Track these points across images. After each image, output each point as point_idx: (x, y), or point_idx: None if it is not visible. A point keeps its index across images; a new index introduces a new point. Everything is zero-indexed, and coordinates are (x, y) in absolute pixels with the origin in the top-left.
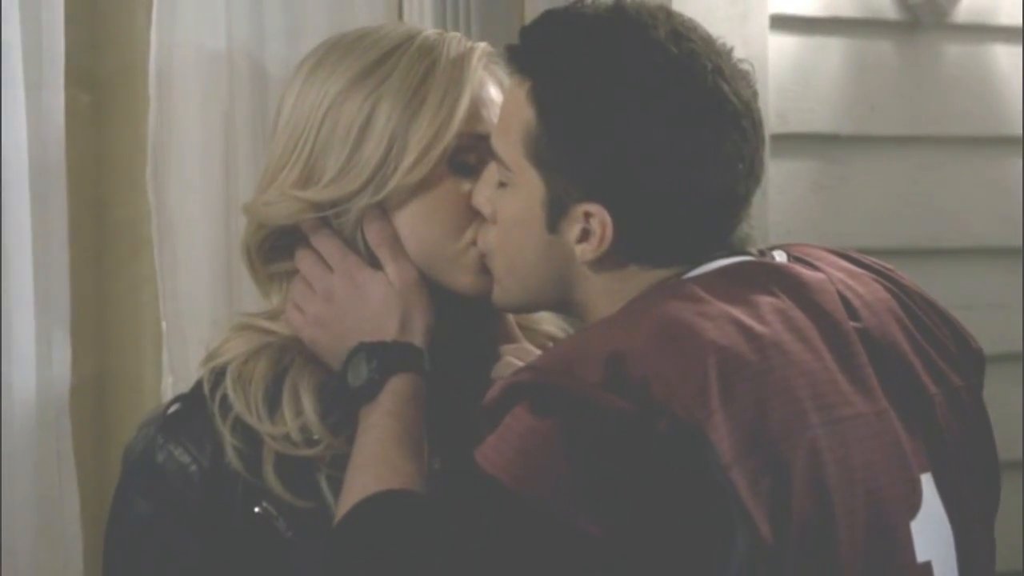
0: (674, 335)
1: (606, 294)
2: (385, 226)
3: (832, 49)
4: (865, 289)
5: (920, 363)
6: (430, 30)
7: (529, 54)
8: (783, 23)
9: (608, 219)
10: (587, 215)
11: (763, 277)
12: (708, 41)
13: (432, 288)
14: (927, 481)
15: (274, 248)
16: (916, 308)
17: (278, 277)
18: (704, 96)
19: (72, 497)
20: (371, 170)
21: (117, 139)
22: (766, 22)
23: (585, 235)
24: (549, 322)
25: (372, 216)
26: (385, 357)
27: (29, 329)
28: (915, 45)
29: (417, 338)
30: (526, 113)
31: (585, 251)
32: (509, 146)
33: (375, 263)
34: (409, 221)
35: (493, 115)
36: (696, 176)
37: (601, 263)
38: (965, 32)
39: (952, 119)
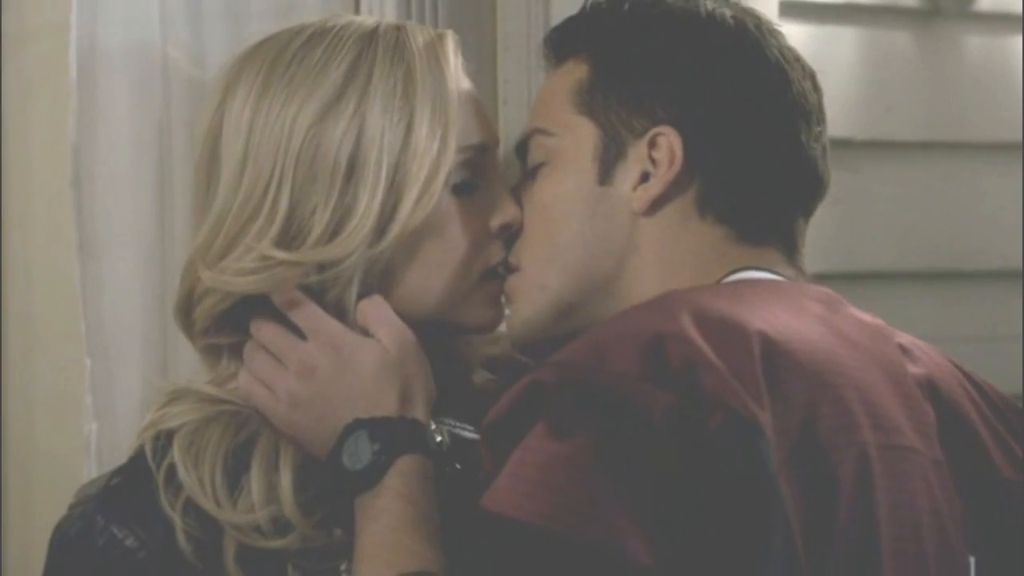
0: (717, 322)
1: (657, 263)
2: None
3: (845, 40)
4: (930, 350)
5: (993, 441)
6: (382, 21)
7: (572, 37)
8: (793, 10)
9: (678, 139)
10: (653, 142)
11: (814, 293)
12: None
13: (426, 338)
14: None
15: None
16: (984, 387)
17: (215, 349)
18: (756, 32)
19: None
20: (375, 218)
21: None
22: (775, 9)
23: (645, 177)
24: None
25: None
26: (390, 436)
27: None
28: (935, 36)
29: (420, 412)
30: (576, 74)
31: (647, 190)
32: (554, 111)
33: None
34: (414, 269)
35: (481, 117)
36: (767, 87)
37: (658, 207)
38: (992, 22)
39: (978, 122)
